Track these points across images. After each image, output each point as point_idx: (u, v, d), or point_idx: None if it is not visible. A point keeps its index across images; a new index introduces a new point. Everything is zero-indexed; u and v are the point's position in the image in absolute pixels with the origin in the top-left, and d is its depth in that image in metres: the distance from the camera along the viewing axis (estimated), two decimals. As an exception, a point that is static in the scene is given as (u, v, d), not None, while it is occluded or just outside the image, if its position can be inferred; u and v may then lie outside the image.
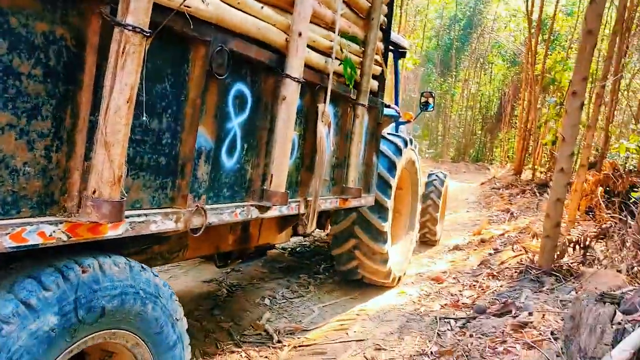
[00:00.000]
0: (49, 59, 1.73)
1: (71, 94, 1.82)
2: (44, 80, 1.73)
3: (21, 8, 1.62)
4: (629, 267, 5.11)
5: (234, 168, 2.82)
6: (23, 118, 1.68)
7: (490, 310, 4.94)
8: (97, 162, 1.82)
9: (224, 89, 2.60)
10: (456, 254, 8.14)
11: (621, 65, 9.97)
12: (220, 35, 2.41)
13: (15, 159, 1.66)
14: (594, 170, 9.51)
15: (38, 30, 1.68)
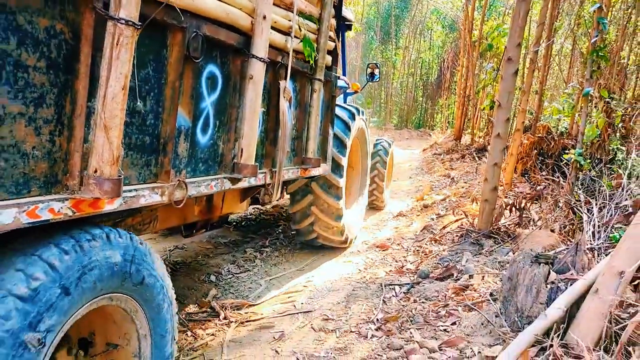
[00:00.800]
0: (50, 52, 1.91)
1: (70, 83, 2.01)
2: (47, 72, 1.91)
3: (26, 6, 1.79)
4: (561, 226, 5.35)
5: (208, 144, 3.08)
6: (31, 107, 1.87)
7: (433, 275, 5.07)
8: (97, 144, 2.03)
9: (198, 71, 2.82)
10: (400, 220, 8.29)
11: (553, 30, 10.26)
12: (195, 21, 2.63)
13: (25, 143, 1.87)
14: (528, 134, 9.85)
15: (41, 26, 1.86)
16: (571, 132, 9.67)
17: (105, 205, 2.19)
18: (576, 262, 3.58)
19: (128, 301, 2.38)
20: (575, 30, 12.38)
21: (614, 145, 7.90)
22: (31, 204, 1.86)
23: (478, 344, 3.45)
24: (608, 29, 8.43)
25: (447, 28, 30.76)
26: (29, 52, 1.83)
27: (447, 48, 31.06)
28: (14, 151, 1.83)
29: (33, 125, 1.89)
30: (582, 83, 7.59)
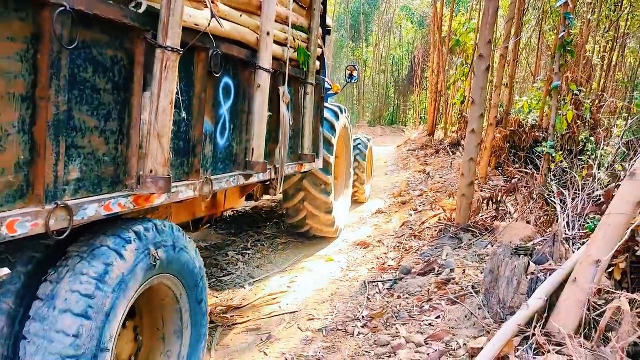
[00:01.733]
0: (114, 76, 2.37)
1: (128, 100, 2.47)
2: (112, 92, 2.36)
3: (99, 41, 2.25)
4: (537, 218, 5.49)
5: (226, 145, 3.52)
6: (102, 121, 2.32)
7: (415, 270, 5.16)
8: (152, 149, 2.48)
9: (217, 83, 3.28)
10: (379, 217, 8.38)
11: (521, 25, 10.49)
12: (215, 42, 3.05)
13: (99, 151, 2.32)
14: (500, 127, 10.05)
15: (108, 55, 2.32)
16: (541, 125, 9.90)
17: (156, 200, 2.65)
18: (554, 253, 3.69)
19: (172, 280, 2.79)
20: (542, 25, 12.66)
21: (583, 136, 8.13)
22: (106, 199, 2.33)
23: (463, 336, 3.53)
24: (575, 23, 8.65)
25: (417, 24, 31.06)
26: (100, 77, 2.29)
27: (417, 44, 31.37)
28: (92, 157, 2.29)
29: (103, 136, 2.34)
30: (550, 77, 7.79)
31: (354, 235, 7.25)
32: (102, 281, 2.19)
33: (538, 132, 9.59)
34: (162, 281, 2.71)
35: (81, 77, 2.19)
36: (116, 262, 2.28)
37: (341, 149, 7.31)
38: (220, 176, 3.41)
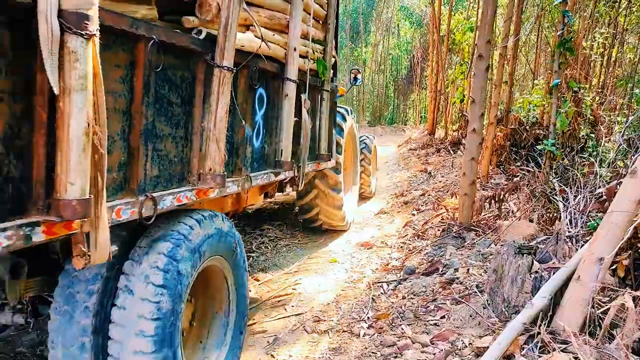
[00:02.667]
0: (182, 91, 2.88)
1: (191, 111, 2.99)
2: (181, 105, 2.88)
3: (173, 64, 2.77)
4: (539, 216, 5.51)
5: (260, 147, 4.05)
6: (173, 128, 2.84)
7: (419, 270, 5.19)
8: (211, 151, 3.01)
9: (255, 94, 3.80)
10: (382, 218, 8.40)
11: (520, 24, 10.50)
12: (254, 59, 3.54)
13: (171, 153, 2.84)
14: (501, 125, 10.07)
15: (178, 75, 2.84)
16: (542, 122, 9.92)
17: (211, 193, 3.17)
18: (557, 251, 3.72)
19: (221, 260, 3.30)
20: (540, 22, 12.68)
21: (584, 133, 8.16)
22: (177, 192, 2.85)
23: (468, 335, 3.56)
24: (573, 21, 8.67)
25: (415, 24, 31.07)
26: (172, 93, 2.80)
27: (415, 44, 31.37)
28: (166, 159, 2.81)
29: (174, 141, 2.87)
30: (550, 75, 7.82)
31: (357, 236, 7.28)
32: (174, 259, 2.69)
33: (539, 129, 9.61)
34: (214, 262, 3.21)
35: (160, 94, 2.70)
36: (184, 244, 2.78)
37: (348, 147, 7.79)
38: (256, 173, 3.95)
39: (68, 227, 2.07)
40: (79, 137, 1.92)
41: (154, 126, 2.66)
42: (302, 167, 4.70)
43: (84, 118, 1.93)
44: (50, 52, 1.82)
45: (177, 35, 2.73)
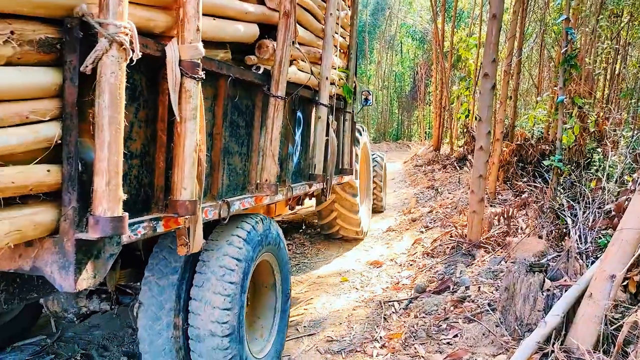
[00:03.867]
0: (246, 116, 3.54)
1: (252, 132, 3.64)
2: (245, 127, 3.54)
3: (241, 96, 3.42)
4: (548, 232, 5.53)
5: (298, 162, 4.67)
6: (239, 146, 3.49)
7: (429, 289, 5.20)
8: (267, 165, 3.64)
9: (295, 116, 4.46)
10: (390, 235, 8.43)
11: (523, 41, 10.60)
12: (295, 87, 4.15)
13: (237, 167, 3.48)
14: (506, 141, 10.12)
15: (244, 104, 3.49)
16: (547, 137, 9.97)
17: (265, 200, 3.78)
18: (568, 269, 3.74)
19: (270, 256, 3.85)
20: (543, 37, 12.78)
21: (590, 148, 8.19)
22: (242, 199, 3.47)
23: (482, 354, 3.57)
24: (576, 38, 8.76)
25: (418, 41, 31.31)
26: (239, 118, 3.44)
27: (418, 60, 31.58)
28: (235, 171, 3.45)
29: (239, 156, 3.49)
30: (555, 91, 7.88)
31: (366, 255, 7.30)
32: (240, 251, 3.25)
33: (544, 144, 9.65)
34: (265, 258, 3.79)
35: (232, 119, 3.35)
36: (248, 241, 3.37)
37: (362, 161, 8.24)
38: (295, 185, 4.53)
39: (177, 222, 2.71)
40: (191, 153, 2.57)
41: (228, 145, 3.32)
42: (329, 180, 5.33)
43: (194, 139, 2.58)
44: (175, 91, 2.46)
45: (245, 72, 3.39)
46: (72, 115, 2.02)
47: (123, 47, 2.00)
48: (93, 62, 1.96)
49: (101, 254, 2.19)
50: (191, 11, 2.50)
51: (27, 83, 1.89)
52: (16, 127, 1.87)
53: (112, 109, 2.00)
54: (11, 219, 1.86)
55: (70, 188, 2.03)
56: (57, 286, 2.09)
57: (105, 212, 2.02)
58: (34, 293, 2.85)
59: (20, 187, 1.88)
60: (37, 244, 2.09)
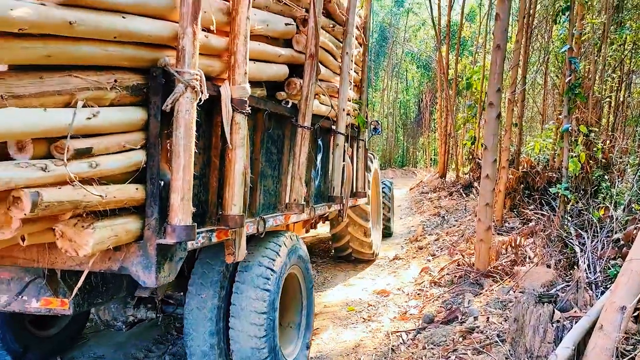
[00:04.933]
0: (277, 144, 4.08)
1: (282, 158, 4.18)
2: (276, 153, 4.09)
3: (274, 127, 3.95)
4: (556, 261, 5.49)
5: (318, 185, 5.19)
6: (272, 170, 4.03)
7: (437, 319, 5.15)
8: (296, 186, 4.17)
9: (316, 144, 5.03)
10: (397, 263, 8.38)
11: (526, 69, 10.69)
12: (317, 118, 4.70)
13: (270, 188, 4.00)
14: (512, 168, 10.12)
15: (275, 133, 4.01)
16: (553, 165, 9.96)
17: (292, 218, 4.29)
18: (578, 299, 3.71)
19: (297, 269, 4.27)
20: (547, 66, 12.89)
21: (597, 176, 8.17)
22: (274, 216, 3.95)
23: (492, 387, 3.51)
24: (580, 68, 8.83)
25: (422, 68, 31.62)
26: (272, 146, 3.98)
27: (423, 87, 31.84)
28: (268, 192, 3.94)
29: (272, 179, 4.01)
30: (560, 120, 7.91)
31: (373, 284, 7.25)
32: (273, 263, 3.69)
33: (550, 172, 9.64)
34: (293, 271, 4.19)
35: (267, 147, 3.86)
36: (278, 256, 3.79)
37: (373, 187, 8.60)
38: (317, 205, 5.03)
39: (226, 234, 3.18)
40: (239, 175, 3.11)
41: (264, 169, 3.81)
42: (346, 202, 5.83)
43: (242, 164, 3.13)
44: (227, 124, 3.01)
45: (278, 106, 3.97)
46: (155, 145, 2.54)
47: (195, 90, 2.55)
48: (172, 102, 2.51)
49: (174, 257, 2.69)
50: (240, 58, 3.04)
51: (124, 119, 2.42)
52: (117, 154, 2.41)
53: (186, 139, 2.53)
54: (112, 226, 2.37)
55: (152, 203, 2.53)
56: (141, 282, 2.56)
57: (180, 221, 2.53)
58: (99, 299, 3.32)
59: (118, 201, 2.39)
60: (124, 248, 2.56)
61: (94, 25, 2.17)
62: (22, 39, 1.97)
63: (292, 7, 4.06)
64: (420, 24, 32.19)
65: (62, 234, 2.27)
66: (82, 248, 2.25)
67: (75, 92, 2.19)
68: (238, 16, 3.03)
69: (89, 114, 2.21)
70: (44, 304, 3.07)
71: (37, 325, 4.40)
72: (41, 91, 2.08)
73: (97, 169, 2.27)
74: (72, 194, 2.13)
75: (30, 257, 2.74)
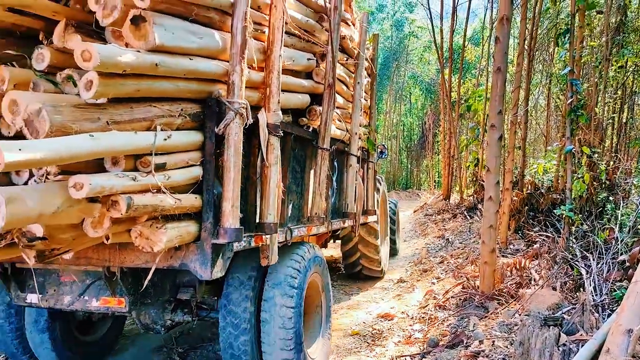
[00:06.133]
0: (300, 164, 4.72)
1: (304, 176, 4.79)
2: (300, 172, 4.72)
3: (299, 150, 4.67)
4: (562, 283, 5.44)
5: (334, 202, 5.82)
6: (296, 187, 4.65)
7: (442, 343, 5.08)
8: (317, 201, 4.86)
9: (332, 164, 5.57)
10: (401, 286, 8.31)
11: (528, 91, 10.74)
12: (333, 141, 5.29)
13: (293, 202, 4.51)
14: (516, 190, 10.09)
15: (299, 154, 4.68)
16: (557, 187, 9.93)
17: (314, 230, 4.89)
18: (584, 322, 3.66)
19: (317, 276, 4.67)
20: (549, 88, 12.94)
21: (601, 197, 8.14)
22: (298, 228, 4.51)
23: (498, 413, 3.45)
24: (582, 89, 8.87)
25: (425, 91, 31.81)
26: (297, 165, 4.62)
27: (427, 110, 31.98)
28: (293, 206, 4.50)
29: (297, 195, 4.64)
30: (563, 141, 7.92)
31: (377, 307, 7.19)
32: (300, 269, 4.13)
33: (554, 193, 9.60)
34: (314, 278, 4.57)
35: (292, 166, 4.43)
36: (302, 262, 4.23)
37: (381, 206, 9.00)
38: (333, 220, 5.59)
39: (262, 239, 3.63)
40: (274, 189, 3.62)
41: (290, 185, 4.30)
42: (358, 218, 6.42)
43: (276, 179, 3.65)
44: (264, 145, 3.54)
45: (301, 130, 4.63)
46: (210, 162, 3.11)
47: (242, 116, 3.14)
48: (224, 126, 3.08)
49: (224, 255, 3.19)
50: (274, 89, 3.63)
51: (187, 141, 3.02)
52: (182, 169, 2.99)
53: (235, 157, 3.10)
54: (178, 227, 2.90)
55: (208, 209, 3.08)
56: (199, 276, 3.08)
57: (230, 225, 3.07)
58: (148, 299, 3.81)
59: (184, 207, 2.93)
60: (184, 248, 3.10)
61: (171, 66, 2.77)
62: (122, 77, 2.54)
63: (313, 45, 4.71)
64: (423, 47, 32.49)
65: (140, 233, 2.80)
66: (156, 244, 2.77)
67: (154, 119, 2.78)
68: (272, 54, 3.63)
69: (165, 136, 2.81)
70: (103, 303, 3.55)
71: (81, 331, 4.93)
72: (132, 118, 2.66)
73: (169, 180, 2.84)
74: (153, 199, 2.68)
75: (102, 257, 3.22)
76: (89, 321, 4.96)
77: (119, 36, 2.74)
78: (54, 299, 3.64)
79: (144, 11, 2.62)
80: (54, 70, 2.85)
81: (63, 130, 2.31)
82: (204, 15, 3.10)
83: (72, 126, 2.34)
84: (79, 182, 2.35)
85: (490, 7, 16.54)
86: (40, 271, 3.65)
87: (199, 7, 3.03)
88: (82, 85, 2.46)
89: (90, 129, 2.41)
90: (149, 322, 4.24)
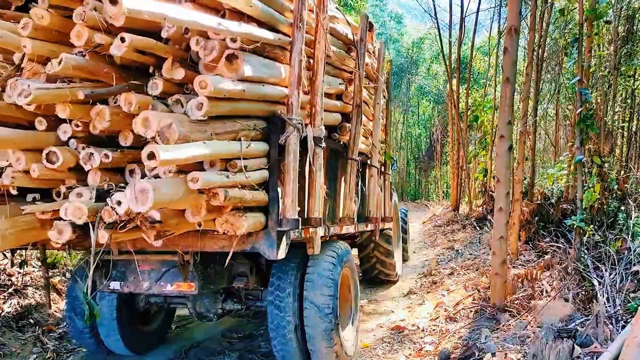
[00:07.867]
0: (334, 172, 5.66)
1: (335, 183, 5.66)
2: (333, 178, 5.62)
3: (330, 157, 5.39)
4: (574, 295, 5.37)
5: (359, 207, 6.44)
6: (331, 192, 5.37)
7: (454, 356, 5.03)
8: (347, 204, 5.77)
9: (358, 174, 6.09)
10: (411, 298, 8.25)
11: (537, 102, 10.71)
12: (359, 154, 5.96)
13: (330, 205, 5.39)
14: (526, 200, 10.02)
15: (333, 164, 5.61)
16: (567, 197, 9.85)
17: (345, 229, 5.61)
18: (598, 334, 3.61)
19: (347, 271, 5.26)
20: (558, 97, 12.90)
21: (613, 207, 8.07)
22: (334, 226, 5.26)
23: None
24: (591, 99, 8.83)
25: (433, 102, 31.81)
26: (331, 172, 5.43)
27: (435, 121, 31.95)
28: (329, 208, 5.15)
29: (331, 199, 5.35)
30: (572, 151, 7.88)
31: (387, 319, 7.14)
32: (334, 263, 4.77)
33: (565, 204, 9.52)
34: (345, 272, 5.18)
35: (329, 174, 5.09)
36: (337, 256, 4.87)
37: (394, 215, 9.49)
38: (359, 224, 6.31)
39: (308, 232, 4.24)
40: (319, 190, 4.43)
41: (327, 190, 4.79)
42: (378, 222, 7.24)
43: (321, 182, 4.51)
44: (311, 154, 4.25)
45: (335, 144, 5.48)
46: (274, 166, 3.86)
47: (299, 130, 3.93)
48: (285, 138, 3.87)
49: (285, 241, 3.82)
50: (318, 109, 4.49)
51: (258, 149, 3.79)
52: (255, 171, 3.71)
53: (293, 163, 3.87)
54: (253, 216, 3.62)
55: (273, 204, 3.79)
56: (267, 257, 3.74)
57: (291, 216, 3.79)
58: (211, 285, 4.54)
59: (256, 201, 3.68)
60: (254, 234, 3.75)
61: (252, 92, 3.65)
62: (222, 100, 3.43)
63: (342, 71, 5.65)
64: (431, 58, 32.54)
65: (227, 220, 3.46)
66: (239, 229, 3.45)
67: (238, 131, 3.59)
68: (317, 80, 4.49)
69: (247, 145, 3.58)
70: (176, 287, 4.25)
71: (142, 321, 5.68)
72: (224, 131, 3.48)
73: (249, 179, 3.53)
74: (239, 192, 3.43)
75: (187, 243, 3.84)
76: (147, 312, 5.68)
77: (211, 68, 3.54)
78: (134, 285, 4.38)
79: (236, 50, 3.45)
80: (163, 95, 3.60)
81: (184, 139, 3.07)
82: (271, 51, 3.96)
83: (190, 136, 3.13)
84: (195, 177, 3.09)
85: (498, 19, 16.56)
86: (122, 262, 4.37)
87: (270, 46, 3.89)
88: (194, 106, 3.28)
89: (201, 138, 3.20)
90: (202, 310, 4.88)
